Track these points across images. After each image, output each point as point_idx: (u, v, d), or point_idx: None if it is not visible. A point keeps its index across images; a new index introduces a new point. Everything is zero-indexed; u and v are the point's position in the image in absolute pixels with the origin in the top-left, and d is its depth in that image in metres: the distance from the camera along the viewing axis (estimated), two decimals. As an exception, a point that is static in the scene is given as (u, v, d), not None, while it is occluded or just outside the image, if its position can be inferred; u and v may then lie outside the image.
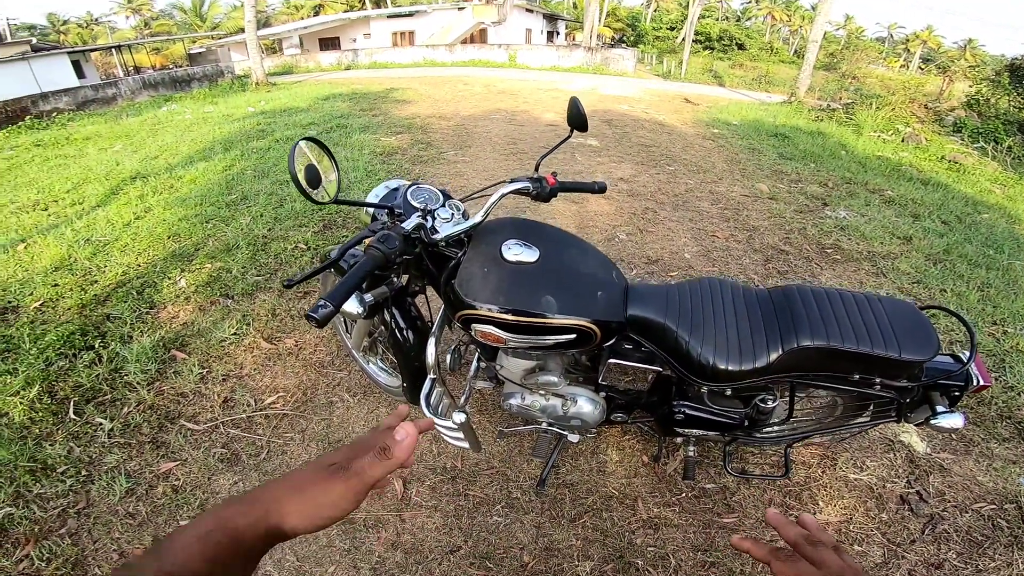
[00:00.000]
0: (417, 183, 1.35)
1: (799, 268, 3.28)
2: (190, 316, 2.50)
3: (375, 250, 0.99)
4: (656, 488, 1.74)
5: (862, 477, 1.79)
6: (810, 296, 1.27)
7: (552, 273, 1.22)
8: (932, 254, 3.53)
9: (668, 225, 3.81)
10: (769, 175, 5.21)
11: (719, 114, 8.99)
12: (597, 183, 1.44)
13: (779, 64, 25.14)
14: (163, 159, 5.40)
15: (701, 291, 1.35)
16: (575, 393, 1.47)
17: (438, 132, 6.32)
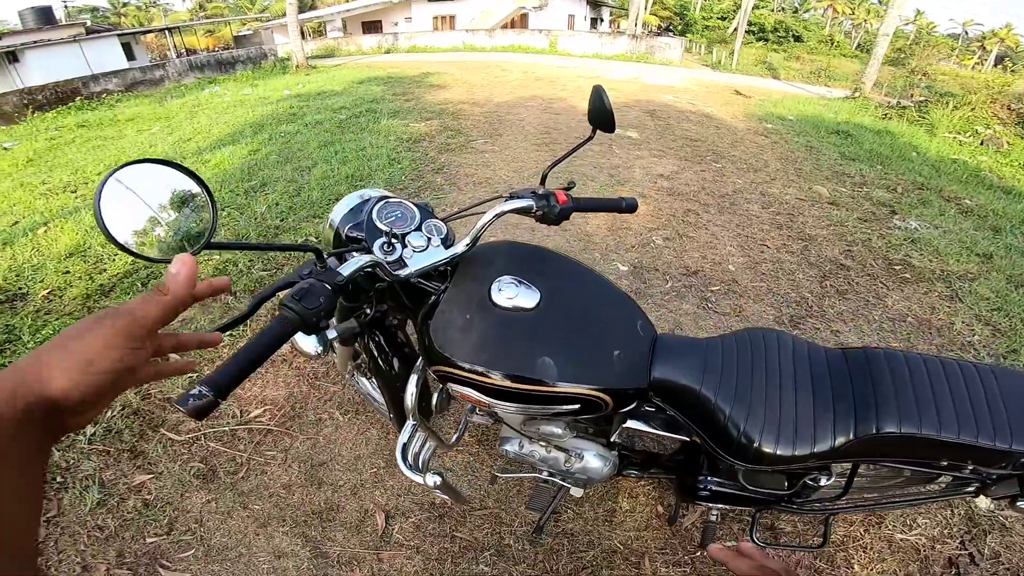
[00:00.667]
0: (388, 197, 1.05)
1: (861, 287, 2.88)
2: (190, 312, 2.36)
3: (287, 312, 0.70)
4: (667, 544, 1.52)
5: (909, 537, 1.57)
6: (900, 365, 0.97)
7: (555, 325, 0.95)
8: (1015, 276, 3.07)
9: (711, 230, 3.44)
10: (829, 176, 4.71)
11: (773, 108, 8.35)
12: (625, 200, 1.08)
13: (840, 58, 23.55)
14: (195, 142, 5.40)
15: (752, 348, 1.05)
16: (582, 448, 1.22)
17: (469, 119, 6.08)
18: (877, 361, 0.99)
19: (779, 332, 1.08)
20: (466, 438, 1.77)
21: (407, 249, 0.94)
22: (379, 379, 1.31)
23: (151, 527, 1.50)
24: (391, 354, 1.24)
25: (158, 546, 1.45)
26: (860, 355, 1.02)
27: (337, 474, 1.66)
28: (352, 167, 4.11)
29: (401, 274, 0.90)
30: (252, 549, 1.46)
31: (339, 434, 1.79)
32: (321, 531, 1.50)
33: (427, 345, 0.95)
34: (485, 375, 0.90)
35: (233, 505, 1.56)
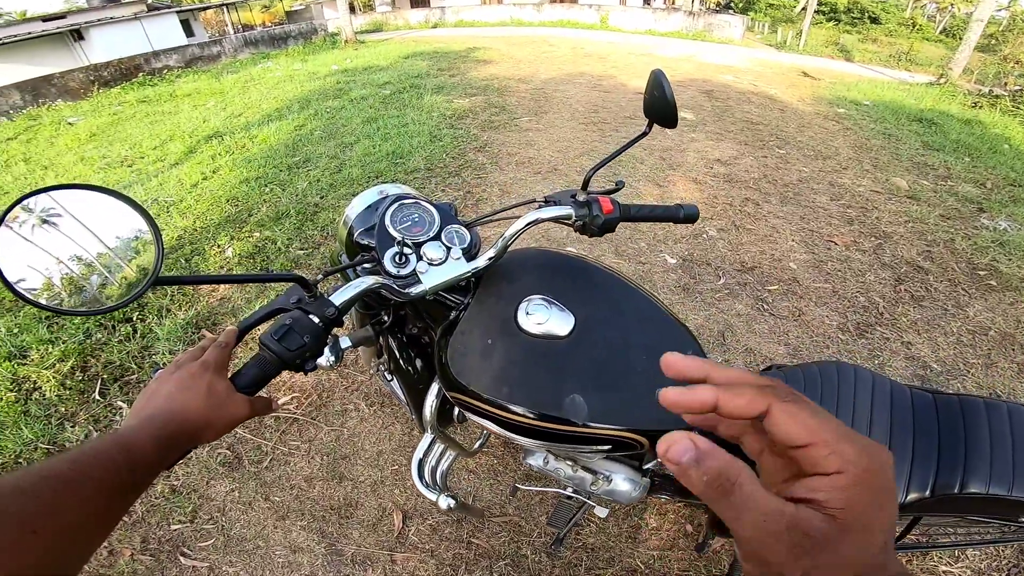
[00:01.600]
0: (405, 197, 0.91)
1: (940, 294, 2.58)
2: (228, 290, 2.38)
3: (266, 353, 0.62)
4: (692, 567, 1.42)
5: (954, 570, 1.45)
6: (1003, 417, 0.84)
7: (589, 356, 0.81)
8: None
9: (772, 222, 3.16)
10: (909, 168, 4.25)
11: (846, 92, 7.64)
12: (683, 208, 0.92)
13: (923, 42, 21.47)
14: (244, 117, 5.48)
15: (822, 383, 0.91)
16: (611, 470, 1.10)
17: (515, 95, 5.87)
18: (974, 411, 0.86)
19: (858, 368, 0.94)
20: (492, 440, 1.69)
21: (422, 262, 0.81)
22: (401, 381, 1.22)
23: (176, 514, 1.50)
24: (413, 356, 1.15)
25: (181, 533, 1.46)
26: (954, 402, 0.89)
27: (359, 469, 1.63)
28: (394, 144, 4.04)
29: (413, 292, 0.78)
30: (270, 542, 1.44)
31: (363, 427, 1.74)
32: (338, 527, 1.48)
33: (443, 367, 0.85)
34: (505, 409, 0.79)
35: (255, 495, 1.55)
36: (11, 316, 2.20)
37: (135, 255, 0.57)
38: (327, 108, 5.40)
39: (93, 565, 1.37)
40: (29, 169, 4.62)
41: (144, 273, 0.56)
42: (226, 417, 0.55)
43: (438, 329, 0.92)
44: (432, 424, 1.02)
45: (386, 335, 1.11)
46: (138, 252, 0.57)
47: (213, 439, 0.54)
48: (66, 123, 6.56)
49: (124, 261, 0.56)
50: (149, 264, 0.56)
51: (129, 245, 0.57)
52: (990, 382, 2.07)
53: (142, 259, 0.57)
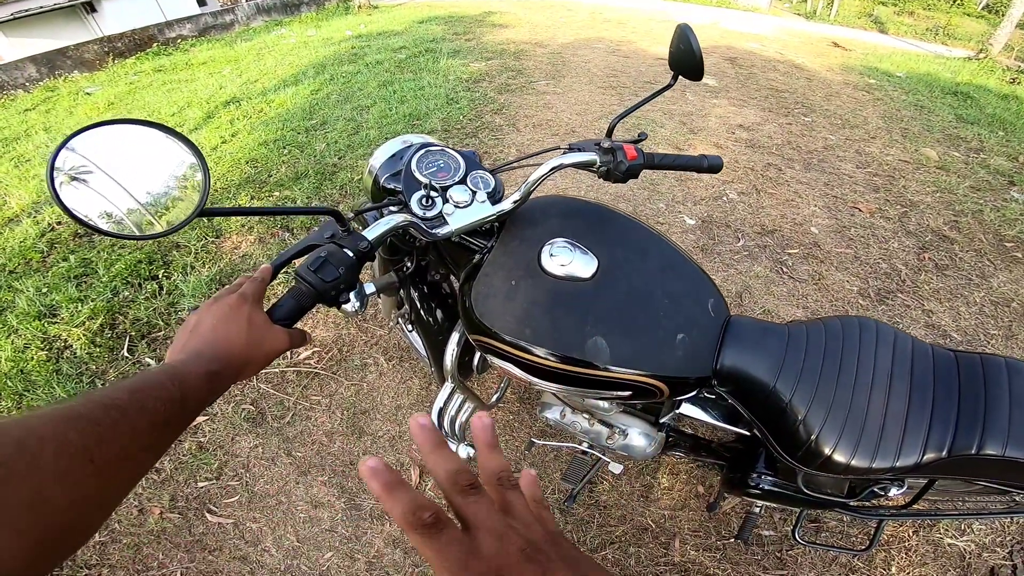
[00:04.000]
0: (430, 144, 0.93)
1: (965, 264, 2.52)
2: (250, 248, 2.42)
3: (302, 284, 0.63)
4: (702, 527, 1.44)
5: (958, 543, 1.47)
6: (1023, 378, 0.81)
7: (612, 299, 0.82)
8: None
9: (794, 187, 3.09)
10: (941, 139, 4.09)
11: (878, 63, 7.29)
12: (708, 159, 0.92)
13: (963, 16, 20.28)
14: (260, 83, 5.45)
15: (844, 339, 0.89)
16: (627, 424, 1.12)
17: (531, 59, 5.73)
18: (995, 369, 0.83)
19: (879, 324, 0.92)
20: (508, 395, 1.72)
21: (448, 204, 0.83)
22: (421, 331, 1.25)
23: (203, 471, 1.55)
24: (434, 307, 1.17)
25: (208, 491, 1.50)
26: (976, 361, 0.86)
27: (377, 424, 1.66)
28: (410, 106, 4.00)
29: (440, 233, 0.80)
30: (292, 498, 1.49)
31: (382, 381, 1.78)
32: (357, 483, 1.52)
33: (467, 310, 0.86)
34: (527, 351, 0.80)
35: (278, 451, 1.59)
36: (39, 276, 2.24)
37: (185, 186, 0.60)
38: (343, 73, 5.33)
39: (124, 524, 1.42)
40: (51, 138, 4.66)
41: (193, 203, 0.59)
42: (266, 348, 0.55)
43: (461, 274, 0.93)
44: (452, 373, 1.05)
45: (408, 284, 1.13)
46: (187, 184, 0.60)
47: (254, 373, 0.55)
48: (84, 93, 6.57)
49: (175, 191, 0.59)
50: (197, 195, 0.60)
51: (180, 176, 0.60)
52: (1010, 353, 2.04)
53: (191, 190, 0.60)
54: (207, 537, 1.41)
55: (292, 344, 0.60)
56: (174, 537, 1.40)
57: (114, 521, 1.42)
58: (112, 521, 1.43)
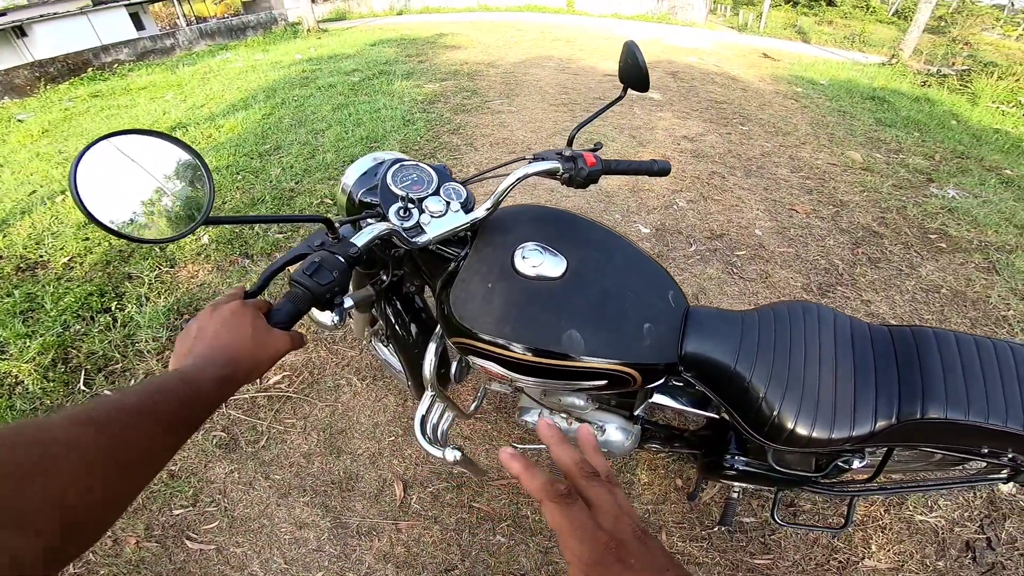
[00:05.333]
0: (403, 160, 0.98)
1: (895, 256, 2.76)
2: (208, 276, 2.36)
3: (298, 289, 0.66)
4: (686, 519, 1.50)
5: (929, 519, 1.56)
6: (951, 346, 0.91)
7: (582, 295, 0.89)
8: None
9: (737, 193, 3.31)
10: (863, 142, 4.47)
11: (803, 71, 7.90)
12: (657, 163, 0.99)
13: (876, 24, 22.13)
14: (208, 108, 5.32)
15: (790, 322, 0.98)
16: (604, 420, 1.18)
17: (485, 79, 5.87)
18: (926, 340, 0.92)
19: (820, 306, 1.01)
20: (484, 406, 1.75)
21: (424, 215, 0.88)
22: (397, 346, 1.27)
23: (177, 499, 1.51)
24: (408, 320, 1.21)
25: (184, 518, 1.46)
26: (907, 333, 0.95)
27: (356, 442, 1.66)
28: (366, 129, 4.02)
29: (419, 241, 0.84)
30: (274, 520, 1.46)
31: (357, 401, 1.78)
32: (341, 501, 1.51)
33: (446, 315, 0.91)
34: (507, 348, 0.86)
35: (255, 475, 1.57)
36: (-18, 312, 2.13)
37: (192, 194, 0.64)
38: (295, 96, 5.29)
39: (99, 556, 1.37)
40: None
41: (198, 210, 0.63)
42: (270, 351, 0.56)
43: (437, 283, 0.97)
44: (432, 382, 1.07)
45: (383, 298, 1.16)
46: (194, 191, 0.65)
47: (260, 375, 0.56)
48: (15, 120, 6.21)
49: (182, 199, 0.63)
50: (201, 203, 0.63)
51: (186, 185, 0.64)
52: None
53: (198, 198, 0.64)
54: (189, 564, 1.36)
55: (293, 346, 0.61)
56: (153, 566, 1.35)
57: (88, 552, 1.36)
58: (86, 552, 1.36)
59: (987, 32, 18.59)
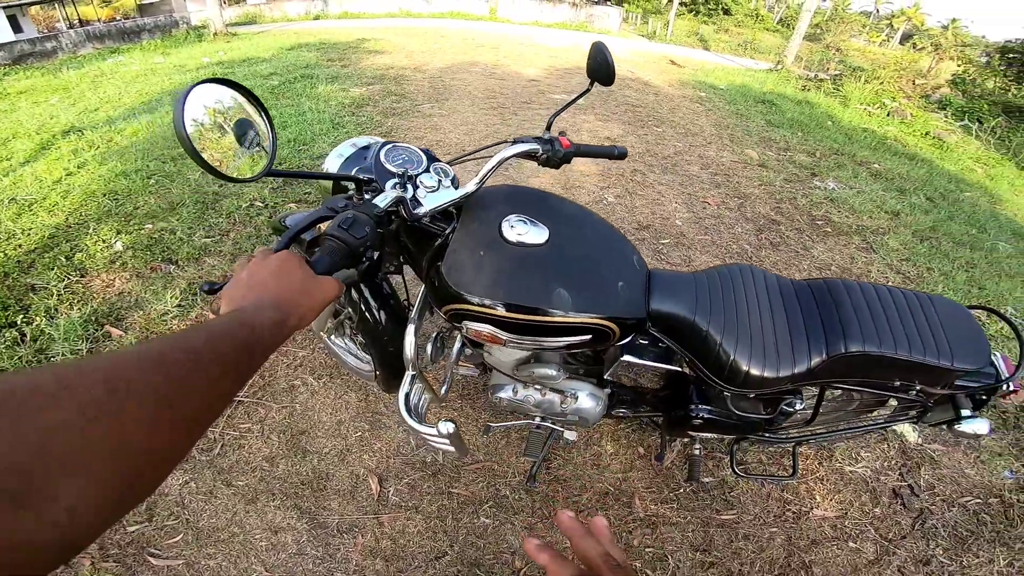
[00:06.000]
0: (393, 142, 1.07)
1: (791, 240, 3.15)
2: (127, 285, 2.19)
3: (335, 242, 0.70)
4: (653, 483, 1.61)
5: (857, 470, 1.74)
6: (857, 293, 1.09)
7: (564, 258, 0.99)
8: (919, 231, 3.48)
9: (658, 189, 3.60)
10: (758, 141, 5.03)
11: (705, 77, 8.69)
12: (617, 148, 1.12)
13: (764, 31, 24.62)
14: (103, 112, 4.86)
15: (732, 280, 1.14)
16: (576, 388, 1.27)
17: (412, 84, 5.87)
18: (837, 289, 1.10)
19: (752, 267, 1.18)
20: (449, 396, 1.79)
21: (420, 189, 0.94)
22: (366, 336, 1.30)
23: (129, 515, 1.40)
24: (379, 307, 1.24)
25: (142, 534, 1.37)
26: (822, 285, 1.13)
27: (321, 441, 1.63)
28: (293, 131, 3.89)
29: (419, 212, 0.91)
30: (245, 528, 1.40)
31: (316, 400, 1.75)
32: (315, 501, 1.47)
33: (439, 285, 0.96)
34: (502, 309, 0.93)
35: (215, 484, 1.49)
36: None
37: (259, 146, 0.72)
38: (207, 99, 4.98)
39: None
40: None
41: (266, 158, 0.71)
42: (319, 297, 0.57)
43: (424, 260, 1.03)
44: (413, 362, 1.12)
45: (353, 289, 1.19)
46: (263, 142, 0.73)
47: (311, 321, 0.56)
48: None
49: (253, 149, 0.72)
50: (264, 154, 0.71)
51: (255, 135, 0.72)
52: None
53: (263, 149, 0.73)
54: (157, 581, 1.27)
55: (339, 292, 0.62)
56: (118, 588, 1.25)
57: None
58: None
59: (855, 38, 21.23)
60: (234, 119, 0.69)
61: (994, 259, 3.25)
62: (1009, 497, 1.70)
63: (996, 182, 5.21)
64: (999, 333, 2.43)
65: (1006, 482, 1.75)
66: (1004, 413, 2.01)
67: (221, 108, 0.67)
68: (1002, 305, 2.73)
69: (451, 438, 1.04)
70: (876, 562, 1.48)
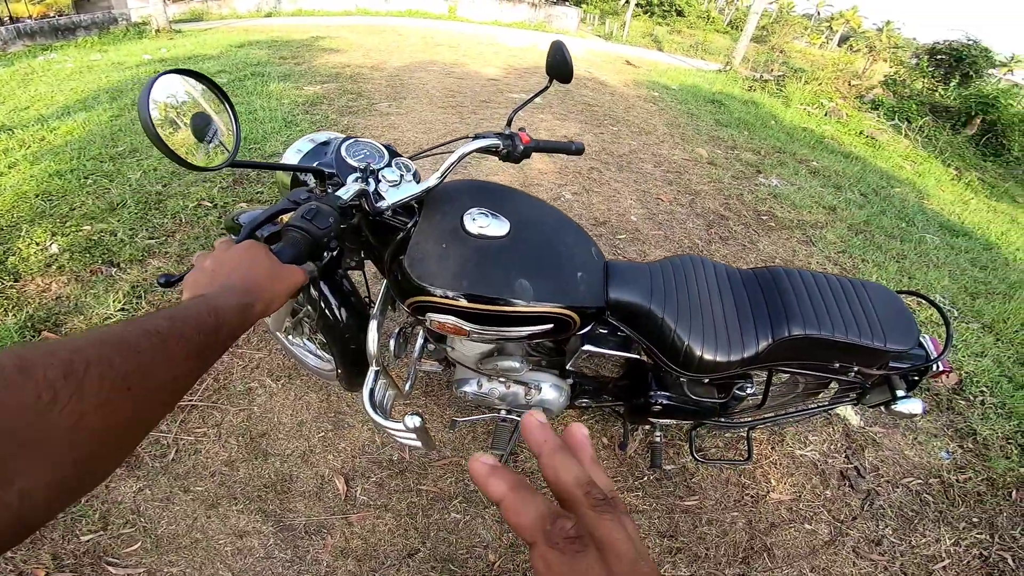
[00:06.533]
0: (354, 137, 1.07)
1: (739, 234, 3.32)
2: (65, 289, 2.09)
3: (298, 232, 0.69)
4: (619, 472, 1.66)
5: (806, 453, 1.82)
6: (798, 280, 1.17)
7: (525, 250, 1.01)
8: (854, 224, 3.72)
9: (613, 186, 3.71)
10: (707, 140, 5.24)
11: (659, 78, 8.96)
12: (574, 144, 1.15)
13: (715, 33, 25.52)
14: (35, 109, 4.55)
15: (684, 270, 1.20)
16: (539, 380, 1.31)
17: (369, 82, 5.78)
18: (780, 277, 1.18)
19: (701, 257, 1.24)
20: (413, 392, 1.78)
21: (382, 183, 0.95)
22: (327, 333, 1.29)
23: (82, 523, 1.34)
24: (339, 304, 1.24)
25: (98, 543, 1.31)
26: (766, 273, 1.20)
27: (282, 443, 1.60)
28: (244, 130, 3.72)
29: (381, 206, 0.91)
30: (208, 533, 1.37)
31: (275, 402, 1.71)
32: (279, 504, 1.44)
33: (401, 279, 0.97)
34: (465, 300, 0.95)
35: (172, 489, 1.45)
36: None
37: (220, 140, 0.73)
38: (149, 97, 4.74)
39: None
40: None
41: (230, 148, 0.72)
42: (287, 283, 0.58)
43: (386, 254, 1.04)
44: (377, 358, 1.13)
45: (316, 283, 1.19)
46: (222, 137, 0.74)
47: (279, 307, 0.56)
48: None
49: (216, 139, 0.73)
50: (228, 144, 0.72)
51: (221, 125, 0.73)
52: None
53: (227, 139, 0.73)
54: (118, 591, 1.22)
55: (306, 279, 0.63)
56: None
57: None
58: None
59: (798, 40, 22.26)
60: (197, 109, 0.70)
61: (922, 250, 3.52)
62: (948, 477, 1.81)
63: (923, 178, 5.61)
64: (929, 319, 2.62)
65: (943, 462, 1.86)
66: (937, 395, 2.15)
67: (186, 98, 0.68)
68: (931, 292, 2.96)
69: (418, 432, 1.04)
70: (832, 543, 1.55)
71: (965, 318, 2.79)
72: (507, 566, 1.38)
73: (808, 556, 1.52)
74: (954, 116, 8.63)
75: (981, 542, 1.63)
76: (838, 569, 1.50)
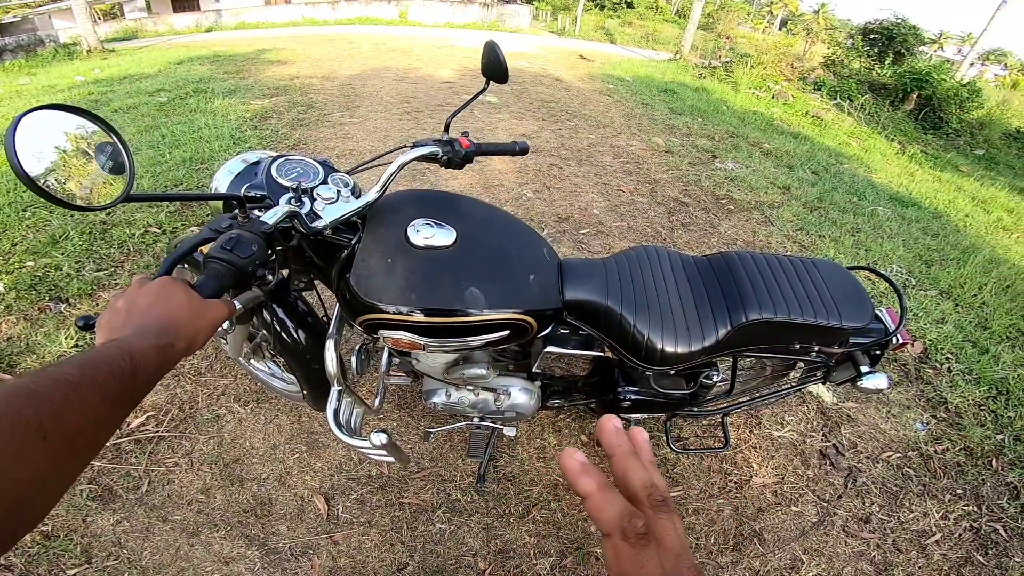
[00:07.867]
0: (285, 155, 1.02)
1: (699, 220, 3.40)
2: (14, 329, 1.97)
3: (219, 264, 0.66)
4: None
5: (784, 434, 1.83)
6: (751, 263, 1.17)
7: (473, 258, 0.99)
8: (808, 202, 3.86)
9: (574, 181, 3.75)
10: (663, 129, 5.36)
11: (612, 70, 9.10)
12: (518, 144, 1.12)
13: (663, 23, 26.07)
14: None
15: (639, 263, 1.19)
16: (507, 385, 1.30)
17: (321, 93, 5.66)
18: (733, 262, 1.18)
19: (656, 247, 1.24)
20: (385, 406, 1.76)
21: (318, 202, 0.92)
22: (287, 356, 1.25)
23: (65, 558, 1.30)
24: (295, 326, 1.20)
25: None
26: (720, 259, 1.21)
27: (257, 467, 1.56)
28: (188, 150, 3.62)
29: (318, 226, 0.88)
30: (192, 561, 1.33)
31: (245, 427, 1.67)
32: (261, 528, 1.41)
33: (349, 298, 0.94)
34: (417, 315, 0.92)
35: (150, 520, 1.40)
36: None
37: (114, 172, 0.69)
38: (86, 121, 4.52)
39: None
40: None
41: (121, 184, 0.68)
42: (208, 319, 0.56)
43: (332, 273, 1.00)
44: (337, 377, 1.10)
45: (269, 306, 1.15)
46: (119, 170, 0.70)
47: (203, 344, 0.55)
48: None
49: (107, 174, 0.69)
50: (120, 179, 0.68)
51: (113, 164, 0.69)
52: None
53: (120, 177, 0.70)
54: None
55: (229, 313, 0.61)
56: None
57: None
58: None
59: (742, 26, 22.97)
60: (83, 145, 0.66)
61: (875, 223, 3.67)
62: (926, 449, 1.84)
63: (869, 154, 5.86)
64: (887, 292, 2.68)
65: (919, 434, 1.89)
66: (904, 366, 2.20)
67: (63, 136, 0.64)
68: (887, 263, 3.09)
69: (386, 448, 1.02)
70: (820, 523, 1.56)
71: (923, 286, 2.91)
72: (497, 572, 1.38)
73: (799, 538, 1.52)
74: (892, 93, 9.02)
75: (970, 514, 1.65)
76: (831, 549, 1.51)
